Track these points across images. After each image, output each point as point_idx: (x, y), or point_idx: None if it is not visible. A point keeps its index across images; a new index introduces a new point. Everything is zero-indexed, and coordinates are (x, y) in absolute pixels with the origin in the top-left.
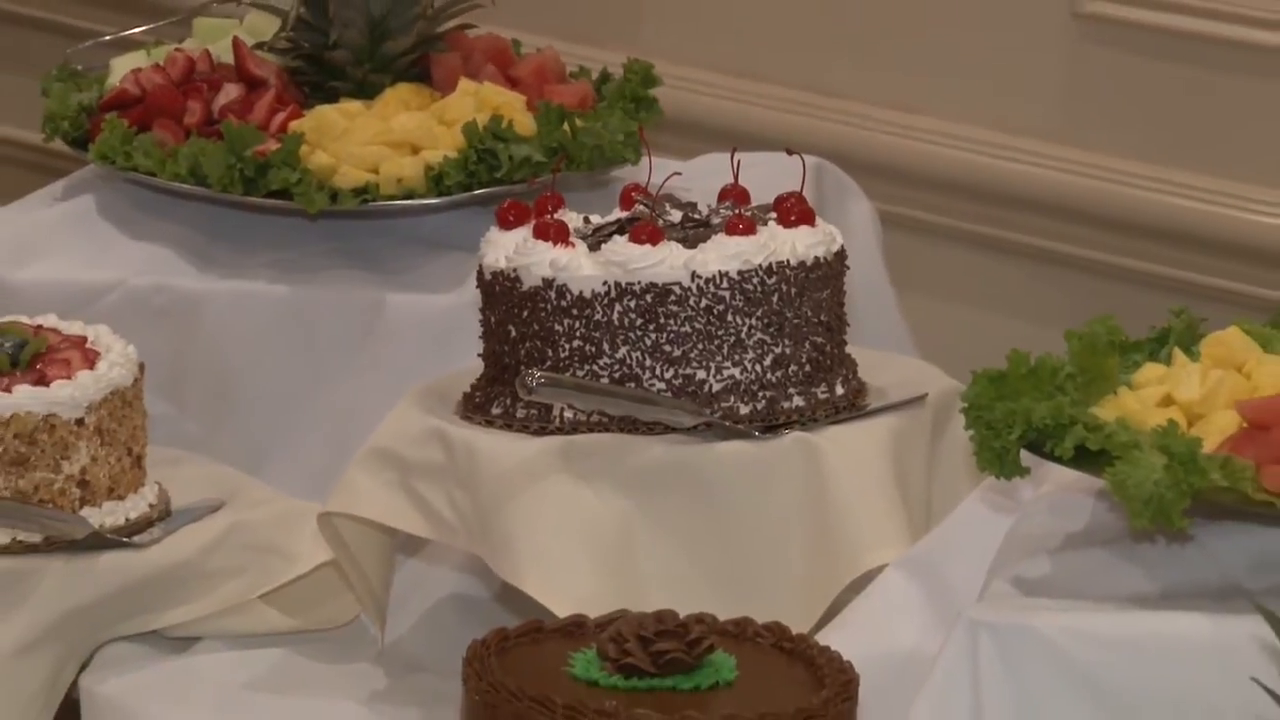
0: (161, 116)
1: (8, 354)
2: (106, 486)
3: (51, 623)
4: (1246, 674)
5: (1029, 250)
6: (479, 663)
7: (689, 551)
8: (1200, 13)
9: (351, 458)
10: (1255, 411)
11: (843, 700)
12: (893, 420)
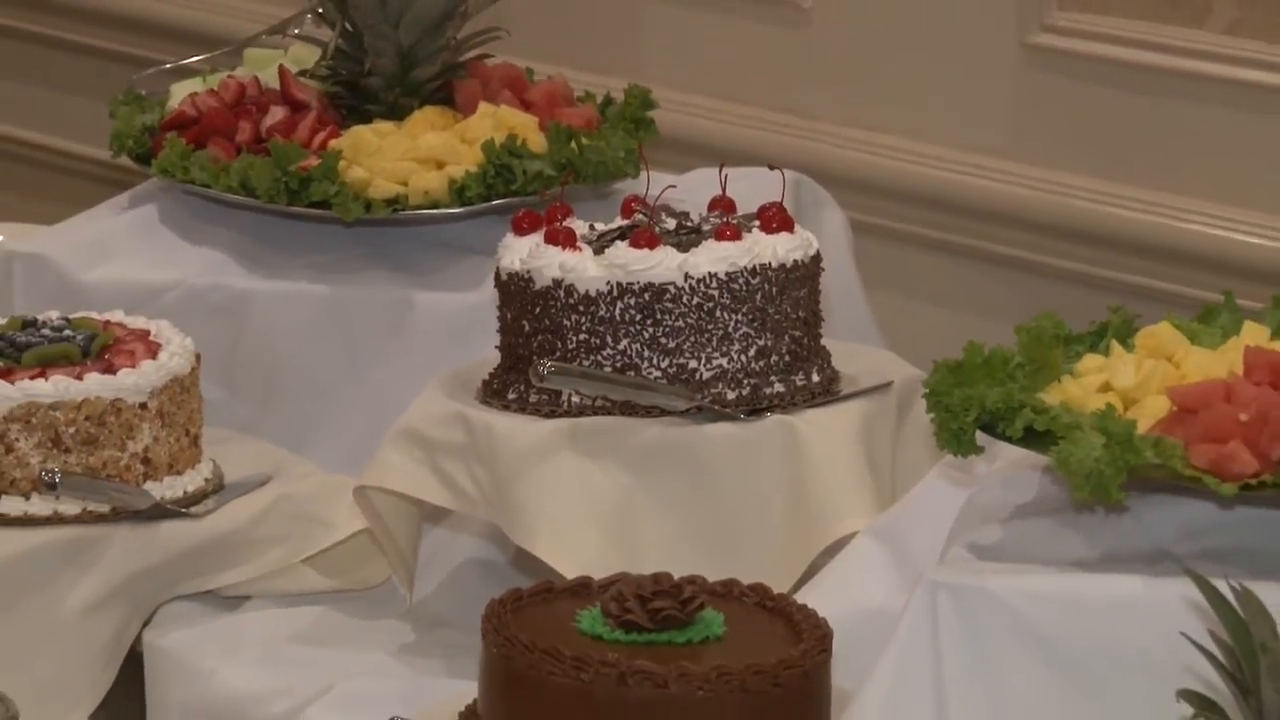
0: (216, 135)
1: (79, 346)
2: (167, 463)
3: (118, 584)
4: (1176, 629)
5: (983, 254)
6: (496, 619)
7: (682, 520)
8: (1133, 44)
9: (383, 438)
10: (1184, 397)
11: (819, 652)
12: (862, 404)
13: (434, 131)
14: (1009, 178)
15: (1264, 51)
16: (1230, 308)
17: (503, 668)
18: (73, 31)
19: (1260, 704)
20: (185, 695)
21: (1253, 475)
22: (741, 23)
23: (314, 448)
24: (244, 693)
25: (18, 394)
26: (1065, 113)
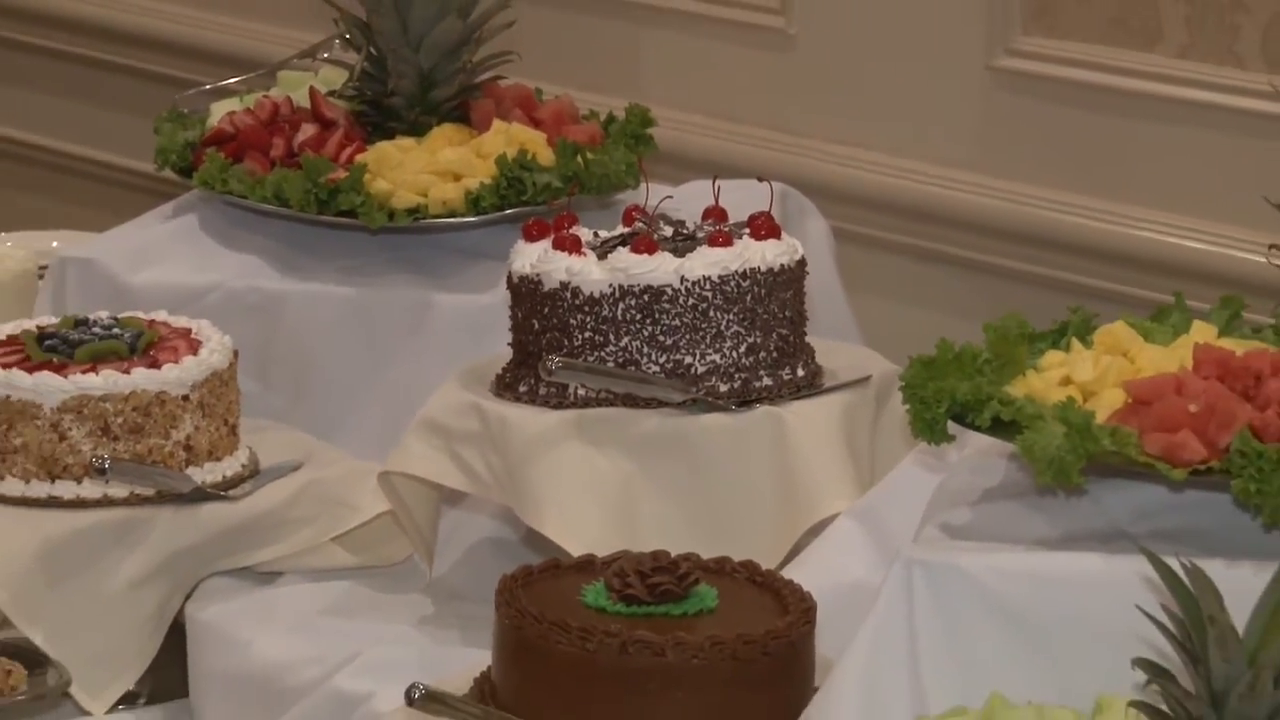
0: (252, 150)
1: (126, 343)
2: (207, 450)
3: (162, 561)
4: (1131, 602)
5: (953, 259)
6: (508, 593)
7: (678, 503)
8: (1091, 66)
9: (405, 427)
10: (1138, 389)
11: (804, 624)
12: (844, 396)
13: (451, 147)
14: (977, 189)
15: (1212, 74)
16: (1180, 308)
17: (514, 637)
18: (121, 55)
19: (1209, 671)
20: (224, 663)
21: (1201, 462)
22: (732, 47)
23: (341, 436)
24: (278, 660)
25: (71, 387)
26: (1029, 129)
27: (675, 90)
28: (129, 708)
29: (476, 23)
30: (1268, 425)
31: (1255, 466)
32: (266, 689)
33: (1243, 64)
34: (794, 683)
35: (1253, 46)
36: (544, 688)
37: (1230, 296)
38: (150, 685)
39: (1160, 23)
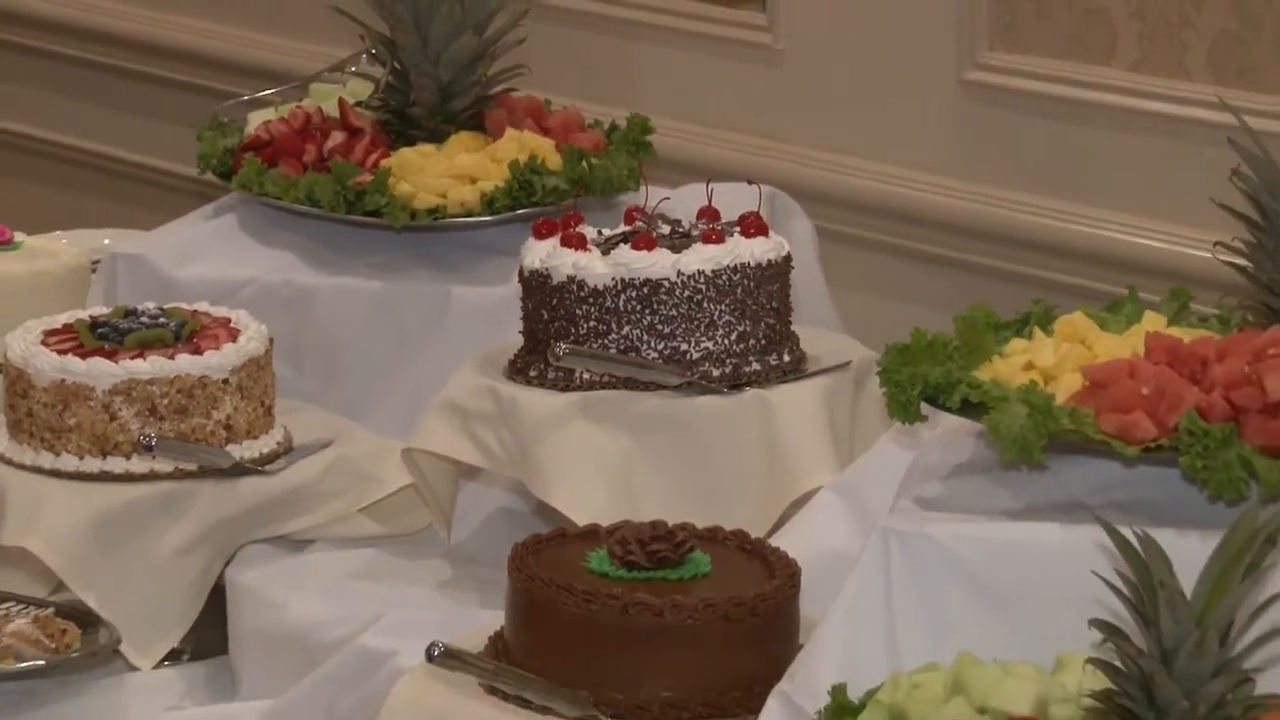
0: (286, 156)
1: (171, 331)
2: (245, 429)
3: (204, 530)
4: (1089, 568)
5: (926, 255)
6: (520, 559)
7: (675, 477)
8: (1052, 79)
9: (426, 409)
10: (1094, 374)
11: (789, 588)
12: (825, 380)
13: (468, 153)
14: (948, 192)
15: (1162, 86)
16: (1134, 300)
17: (525, 600)
18: (167, 70)
19: (1159, 631)
20: (261, 623)
21: (1152, 440)
22: (724, 62)
23: (367, 416)
24: (310, 620)
25: (121, 371)
26: (996, 137)
27: (672, 101)
28: (173, 664)
29: (491, 39)
30: (1213, 406)
31: (1201, 444)
32: (299, 646)
33: (1191, 77)
34: (780, 641)
35: (1200, 61)
36: (552, 646)
37: (1179, 289)
38: (193, 643)
39: (1115, 39)
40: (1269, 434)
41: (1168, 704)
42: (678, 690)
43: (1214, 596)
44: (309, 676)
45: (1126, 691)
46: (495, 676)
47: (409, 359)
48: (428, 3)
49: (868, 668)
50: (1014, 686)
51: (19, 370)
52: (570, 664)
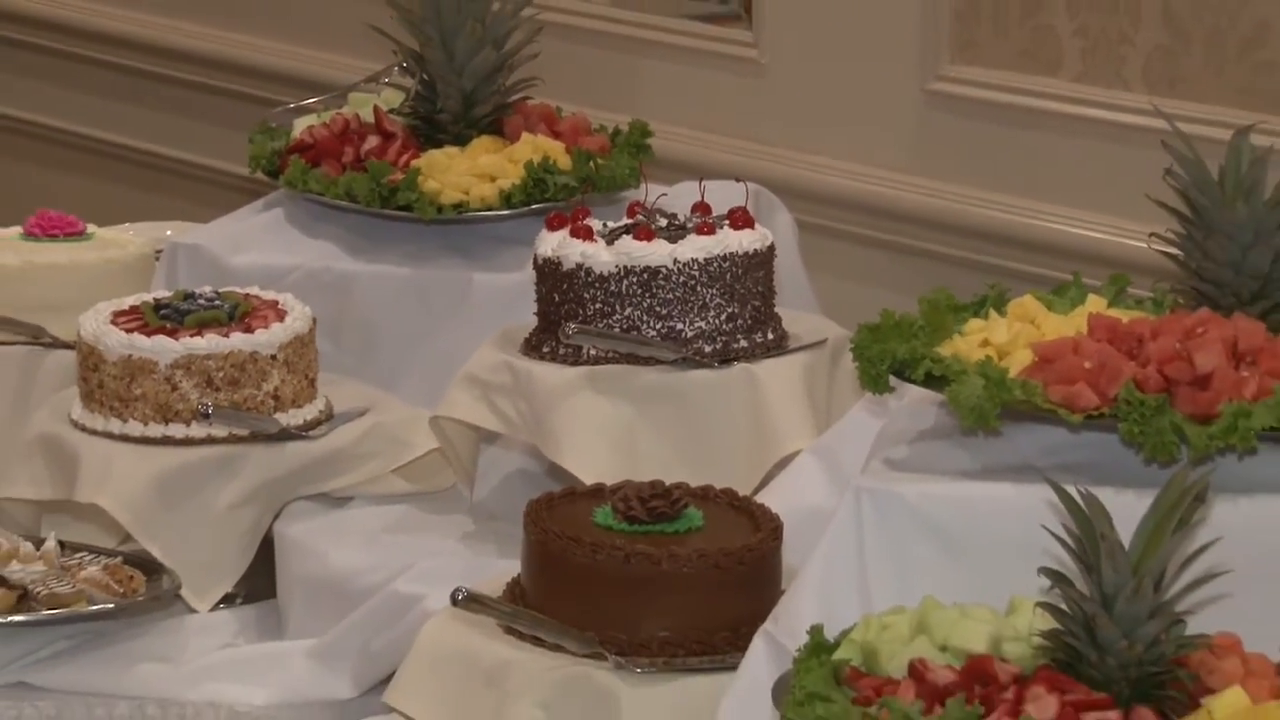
0: (327, 157)
1: (226, 312)
2: (290, 399)
3: (255, 488)
4: (1038, 523)
5: (894, 245)
6: (534, 514)
7: (671, 441)
8: (1004, 89)
9: (451, 381)
10: (1043, 350)
11: (773, 539)
12: (805, 356)
13: (488, 154)
14: (914, 189)
15: (1102, 95)
16: (1078, 285)
17: (539, 550)
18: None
19: (1100, 578)
20: (305, 571)
21: (1094, 408)
22: (715, 74)
23: (399, 388)
24: (348, 568)
25: (181, 348)
26: (955, 140)
27: (669, 108)
28: (228, 607)
29: (508, 54)
30: (1148, 379)
31: (1138, 412)
32: (339, 591)
33: (1128, 87)
34: (765, 587)
35: (1136, 73)
36: (563, 591)
37: (1118, 275)
38: (245, 588)
39: (1061, 54)
40: (1197, 403)
41: (1108, 643)
42: (673, 630)
43: (1149, 547)
44: (347, 618)
45: (1071, 632)
46: (512, 618)
47: (435, 337)
48: (452, 22)
49: (842, 610)
50: (971, 627)
51: (91, 347)
52: (578, 607)
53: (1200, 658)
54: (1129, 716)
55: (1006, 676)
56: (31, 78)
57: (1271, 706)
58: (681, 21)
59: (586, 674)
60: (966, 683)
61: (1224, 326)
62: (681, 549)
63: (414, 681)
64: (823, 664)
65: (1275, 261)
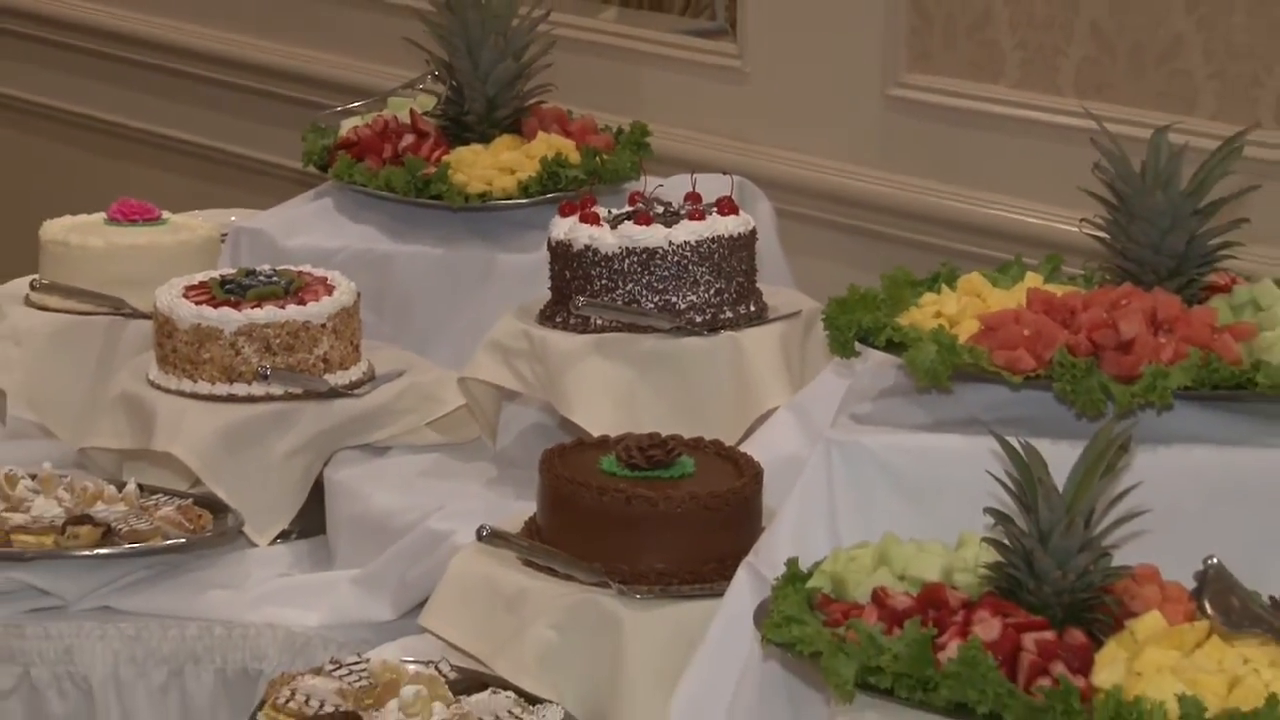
0: (369, 153)
1: (282, 287)
2: (338, 362)
3: (307, 439)
4: (984, 469)
5: (860, 230)
6: (548, 462)
7: (667, 399)
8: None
9: (476, 346)
10: (988, 320)
11: (754, 484)
12: (782, 325)
13: (509, 151)
14: (876, 180)
15: (1039, 99)
16: (1019, 264)
17: (552, 493)
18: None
19: (1038, 517)
20: (350, 511)
21: (1032, 370)
22: (704, 81)
23: (432, 352)
24: (387, 509)
25: (243, 318)
26: (912, 138)
27: (665, 111)
28: (284, 541)
29: (526, 64)
30: (1079, 345)
31: (1070, 374)
32: (379, 528)
33: (1062, 93)
34: (747, 525)
35: (1069, 80)
36: (573, 528)
37: (1053, 255)
38: (299, 526)
39: (1003, 64)
40: (1122, 366)
41: (1044, 573)
42: (669, 562)
43: (1079, 490)
44: (387, 552)
45: (1012, 563)
46: (530, 552)
47: (463, 308)
48: (478, 36)
49: (814, 545)
50: (926, 559)
51: (165, 317)
52: (586, 542)
53: (1124, 585)
54: (1062, 636)
55: (956, 602)
56: (115, 85)
57: (1185, 628)
58: (676, 36)
59: (593, 600)
60: (922, 607)
61: (1145, 299)
62: (675, 492)
63: (444, 607)
64: (798, 591)
65: (1189, 243)
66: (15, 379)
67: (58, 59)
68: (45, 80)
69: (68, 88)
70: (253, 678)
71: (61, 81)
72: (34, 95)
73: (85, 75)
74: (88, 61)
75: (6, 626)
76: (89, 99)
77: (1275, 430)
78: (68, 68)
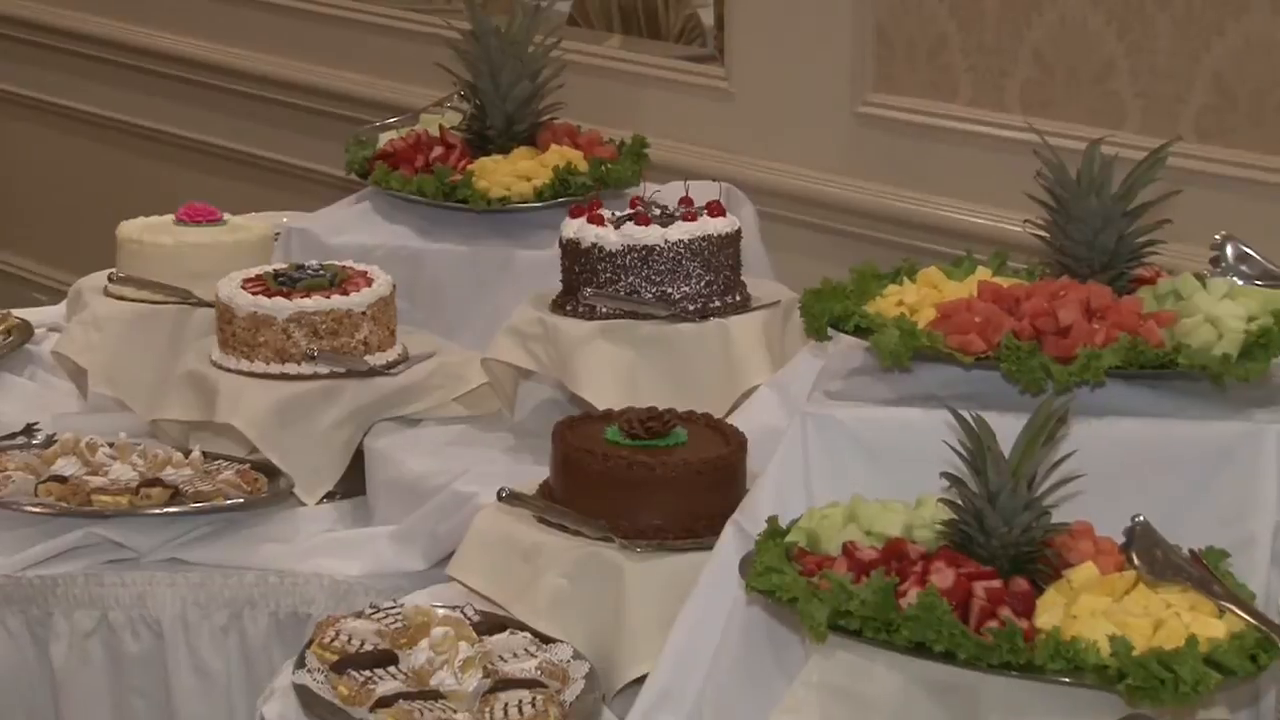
0: (403, 163)
1: (328, 279)
2: (376, 345)
3: (349, 412)
4: (940, 438)
5: (832, 230)
6: (560, 432)
7: (663, 377)
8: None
9: (497, 331)
10: (943, 308)
11: (739, 451)
12: (763, 313)
13: (525, 160)
14: (847, 187)
15: (989, 116)
16: (970, 260)
17: (563, 459)
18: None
19: (987, 480)
20: (387, 475)
21: (982, 352)
22: (696, 100)
23: (458, 337)
24: (419, 473)
25: (294, 306)
26: (878, 150)
27: (662, 126)
28: (329, 501)
29: (540, 84)
30: (1023, 330)
31: (1015, 355)
32: (412, 489)
33: (1008, 109)
34: (733, 487)
35: (1014, 99)
36: (581, 490)
37: (999, 252)
38: (342, 488)
39: (957, 85)
40: (1060, 348)
41: (992, 529)
42: (664, 519)
43: (1023, 457)
44: (419, 510)
45: (965, 521)
46: (544, 511)
47: (486, 298)
48: (499, 61)
49: (792, 505)
50: (890, 517)
51: (226, 305)
52: (593, 502)
53: (1062, 540)
54: (1008, 585)
55: (916, 554)
56: (183, 103)
57: (1115, 577)
58: (671, 61)
59: (599, 552)
60: (885, 559)
61: (1080, 290)
62: (670, 458)
63: (469, 558)
64: (777, 545)
65: (1119, 241)
66: (96, 360)
67: (135, 81)
68: (123, 99)
69: (143, 106)
70: (302, 620)
71: (138, 101)
72: (113, 112)
73: (158, 95)
74: (160, 83)
75: (87, 576)
76: (162, 116)
77: (1194, 405)
78: (144, 89)
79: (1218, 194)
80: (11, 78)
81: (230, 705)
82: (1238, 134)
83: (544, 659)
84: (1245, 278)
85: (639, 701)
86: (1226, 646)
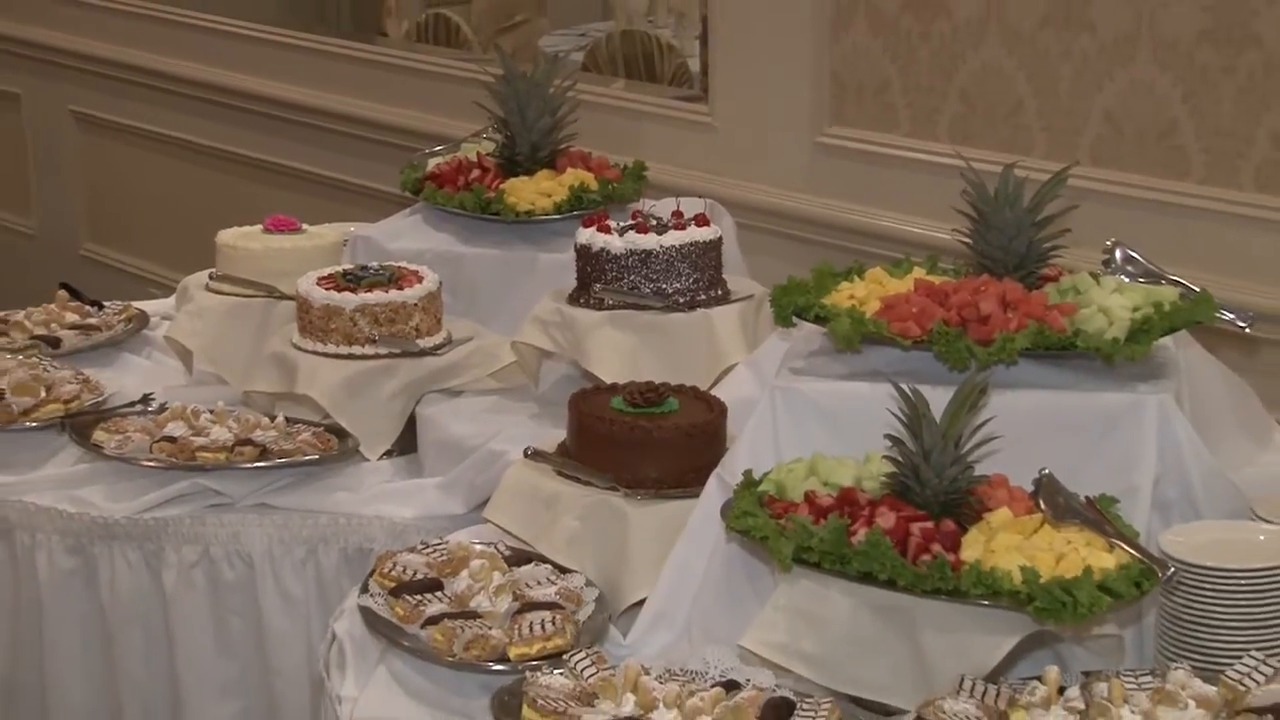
0: (448, 183)
1: (387, 277)
2: (426, 331)
3: (403, 385)
4: (885, 407)
5: (796, 238)
6: (575, 402)
7: (660, 358)
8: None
9: (524, 319)
10: (887, 300)
11: (721, 417)
12: (741, 305)
13: (547, 181)
14: (808, 203)
15: (923, 145)
16: (908, 262)
17: (577, 424)
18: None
19: (923, 441)
20: (435, 436)
21: (918, 337)
22: (685, 131)
23: (492, 324)
24: (460, 434)
25: (359, 299)
26: (834, 173)
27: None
28: (387, 458)
29: (559, 119)
30: (951, 319)
31: (945, 339)
32: (454, 448)
33: (939, 139)
34: (716, 447)
35: (945, 130)
36: (592, 450)
37: (932, 255)
38: (399, 447)
39: (897, 119)
40: (980, 333)
41: (926, 481)
42: (661, 473)
43: (952, 422)
44: (460, 465)
45: (904, 474)
46: (562, 466)
47: (515, 292)
48: (525, 99)
49: (764, 461)
50: (843, 470)
51: (304, 298)
52: (602, 459)
53: (982, 489)
54: (939, 526)
55: (864, 501)
56: (269, 134)
57: (1025, 519)
58: (666, 100)
59: (607, 500)
60: (840, 505)
61: (997, 286)
62: (665, 423)
63: (501, 504)
64: (752, 494)
65: (1029, 246)
66: (199, 343)
67: (233, 117)
68: (223, 132)
69: (239, 138)
70: (366, 554)
71: (235, 133)
72: (215, 143)
73: (251, 129)
74: (253, 118)
75: (192, 518)
76: (254, 145)
77: (1089, 379)
78: (240, 124)
79: (1109, 208)
80: (137, 115)
81: (309, 623)
82: (1125, 160)
83: (562, 586)
84: (1131, 276)
85: (639, 620)
86: (1116, 575)
